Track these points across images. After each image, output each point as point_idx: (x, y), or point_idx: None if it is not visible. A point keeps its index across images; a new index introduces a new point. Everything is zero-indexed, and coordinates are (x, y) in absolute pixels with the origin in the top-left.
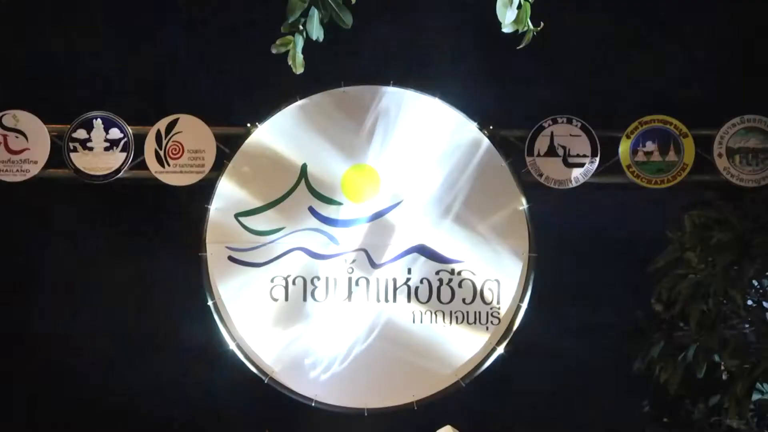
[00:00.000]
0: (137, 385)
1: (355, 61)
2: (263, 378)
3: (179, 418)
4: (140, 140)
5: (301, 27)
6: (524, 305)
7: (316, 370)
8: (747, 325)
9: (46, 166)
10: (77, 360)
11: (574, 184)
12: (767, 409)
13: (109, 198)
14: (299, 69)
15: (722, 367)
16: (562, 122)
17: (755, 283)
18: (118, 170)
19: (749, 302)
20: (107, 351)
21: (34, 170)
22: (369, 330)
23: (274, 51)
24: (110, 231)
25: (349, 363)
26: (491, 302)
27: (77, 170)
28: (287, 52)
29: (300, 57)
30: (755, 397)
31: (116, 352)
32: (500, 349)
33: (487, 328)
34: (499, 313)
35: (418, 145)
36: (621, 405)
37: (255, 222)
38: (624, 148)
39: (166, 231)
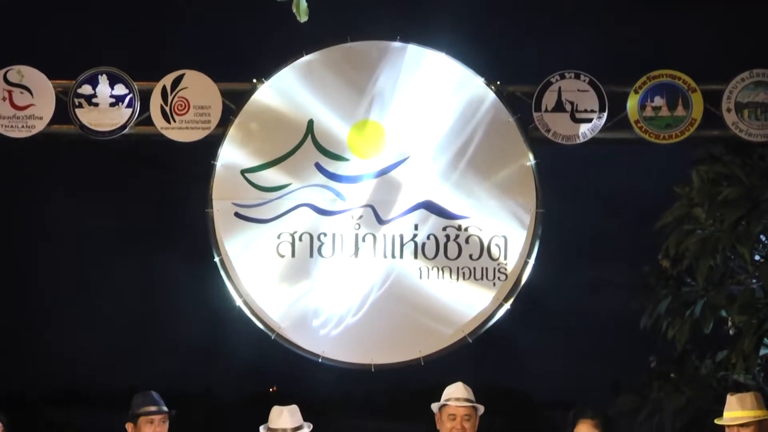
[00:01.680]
0: (142, 341)
1: (362, 16)
2: (270, 334)
3: (186, 374)
4: (146, 96)
5: None
6: (531, 261)
7: (322, 326)
8: (754, 281)
9: (52, 122)
10: (80, 314)
11: (581, 140)
12: None
13: (114, 154)
14: (303, 17)
15: (729, 323)
16: (570, 77)
17: (763, 238)
18: (123, 126)
19: (757, 258)
20: (110, 308)
21: (39, 126)
22: (376, 286)
23: None
24: (116, 187)
25: (356, 319)
26: (498, 258)
27: (83, 126)
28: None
29: (304, 4)
30: (762, 352)
31: (120, 309)
32: (507, 305)
33: (494, 284)
34: (506, 269)
35: (424, 101)
36: (628, 360)
37: (261, 178)
38: (632, 103)
39: (171, 187)
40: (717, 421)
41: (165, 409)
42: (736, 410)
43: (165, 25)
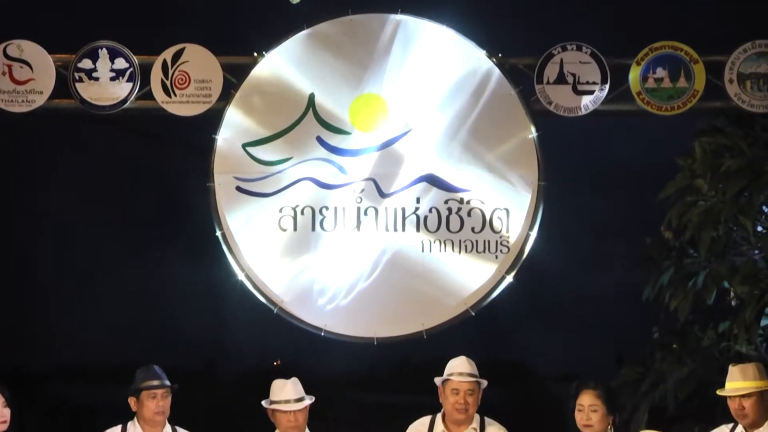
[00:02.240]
0: (143, 316)
1: None
2: (272, 308)
3: (189, 348)
4: (146, 70)
5: None
6: (534, 234)
7: (325, 300)
8: (757, 252)
9: (52, 96)
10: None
11: (583, 112)
12: None
13: (115, 129)
14: None
15: (732, 294)
16: (572, 49)
17: (765, 209)
18: (124, 100)
19: (759, 229)
20: (112, 283)
21: (39, 101)
22: (378, 260)
23: None
24: (116, 161)
25: (359, 293)
26: (500, 231)
27: (83, 100)
28: None
29: None
30: (764, 322)
31: (121, 284)
32: (510, 278)
33: (497, 257)
34: (508, 242)
35: (426, 74)
36: (631, 332)
37: (263, 152)
38: (634, 74)
39: (172, 161)
40: (719, 392)
41: (167, 383)
42: (738, 381)
43: None
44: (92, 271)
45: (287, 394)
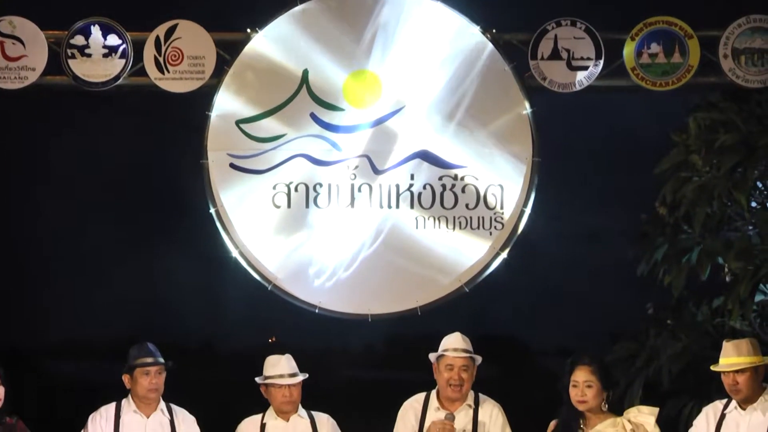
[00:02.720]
0: (138, 293)
1: None
2: (267, 285)
3: (184, 326)
4: (139, 47)
5: None
6: (528, 210)
7: (319, 277)
8: (751, 227)
9: (44, 73)
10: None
11: (578, 88)
12: None
13: (108, 105)
14: None
15: (726, 269)
16: (566, 25)
17: (759, 184)
18: (117, 77)
19: (753, 204)
20: (105, 259)
21: (32, 77)
22: (372, 236)
23: None
24: (109, 138)
25: (353, 269)
26: (495, 207)
27: (76, 77)
28: None
29: None
30: (758, 298)
31: (115, 261)
32: (504, 254)
33: (491, 234)
34: (502, 219)
35: (420, 50)
36: (625, 308)
37: (256, 129)
38: (628, 50)
39: (166, 138)
40: (713, 368)
41: (161, 360)
42: (732, 356)
43: None
44: (86, 250)
45: (281, 369)
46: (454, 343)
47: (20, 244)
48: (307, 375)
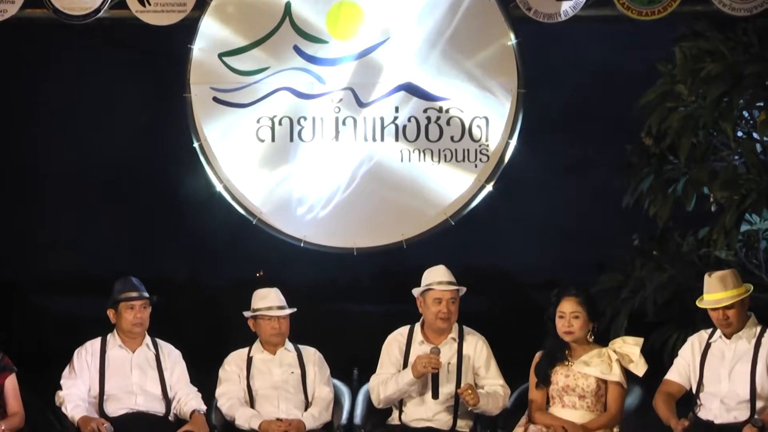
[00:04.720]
0: (123, 227)
1: None
2: (252, 219)
3: (169, 260)
4: None
5: None
6: (513, 142)
7: (304, 210)
8: (737, 157)
9: (24, 6)
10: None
11: (563, 18)
12: (756, 240)
13: (89, 39)
14: None
15: (711, 199)
16: None
17: (746, 114)
18: (97, 10)
19: (739, 134)
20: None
21: (11, 10)
22: (357, 170)
23: None
24: (91, 72)
25: (338, 203)
26: (480, 139)
27: (56, 10)
28: None
29: None
30: (744, 228)
31: (101, 196)
32: (489, 187)
33: (476, 166)
34: (487, 151)
35: None
36: (610, 239)
37: (239, 62)
38: None
39: (148, 72)
40: (700, 304)
41: (146, 294)
42: (719, 291)
43: None
44: (68, 185)
45: (270, 302)
46: (440, 275)
47: (2, 178)
48: (296, 309)
